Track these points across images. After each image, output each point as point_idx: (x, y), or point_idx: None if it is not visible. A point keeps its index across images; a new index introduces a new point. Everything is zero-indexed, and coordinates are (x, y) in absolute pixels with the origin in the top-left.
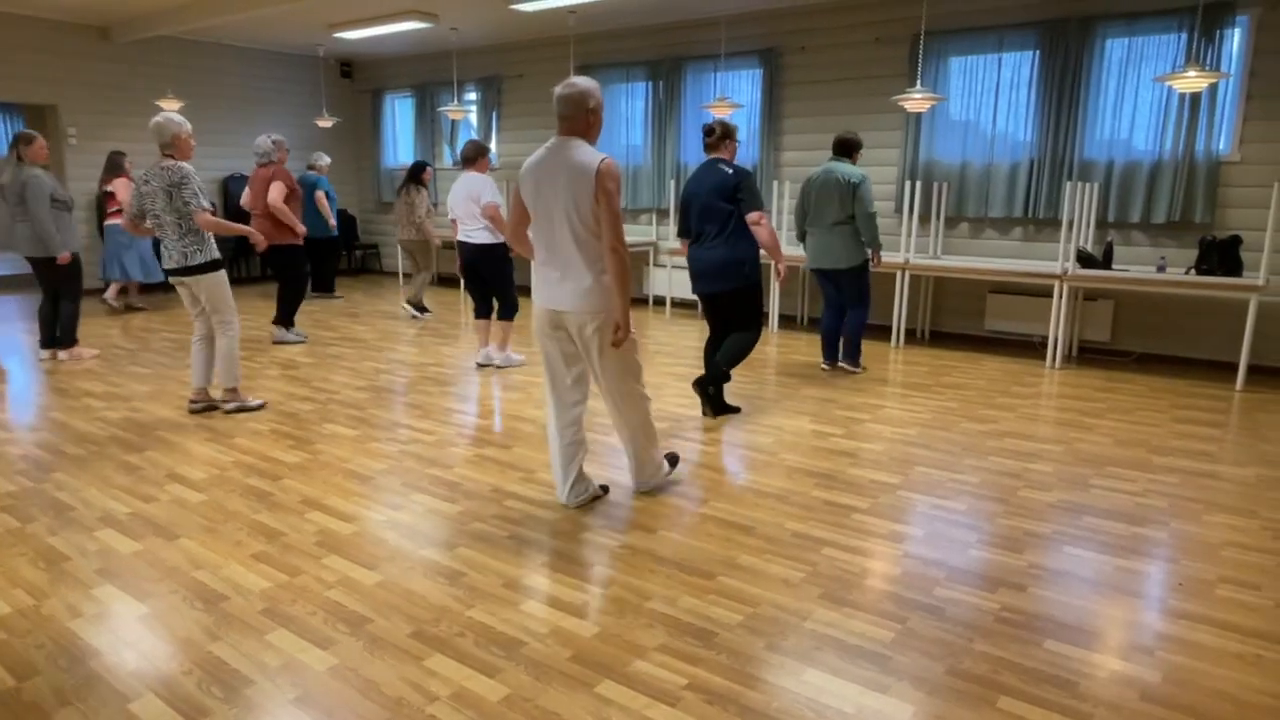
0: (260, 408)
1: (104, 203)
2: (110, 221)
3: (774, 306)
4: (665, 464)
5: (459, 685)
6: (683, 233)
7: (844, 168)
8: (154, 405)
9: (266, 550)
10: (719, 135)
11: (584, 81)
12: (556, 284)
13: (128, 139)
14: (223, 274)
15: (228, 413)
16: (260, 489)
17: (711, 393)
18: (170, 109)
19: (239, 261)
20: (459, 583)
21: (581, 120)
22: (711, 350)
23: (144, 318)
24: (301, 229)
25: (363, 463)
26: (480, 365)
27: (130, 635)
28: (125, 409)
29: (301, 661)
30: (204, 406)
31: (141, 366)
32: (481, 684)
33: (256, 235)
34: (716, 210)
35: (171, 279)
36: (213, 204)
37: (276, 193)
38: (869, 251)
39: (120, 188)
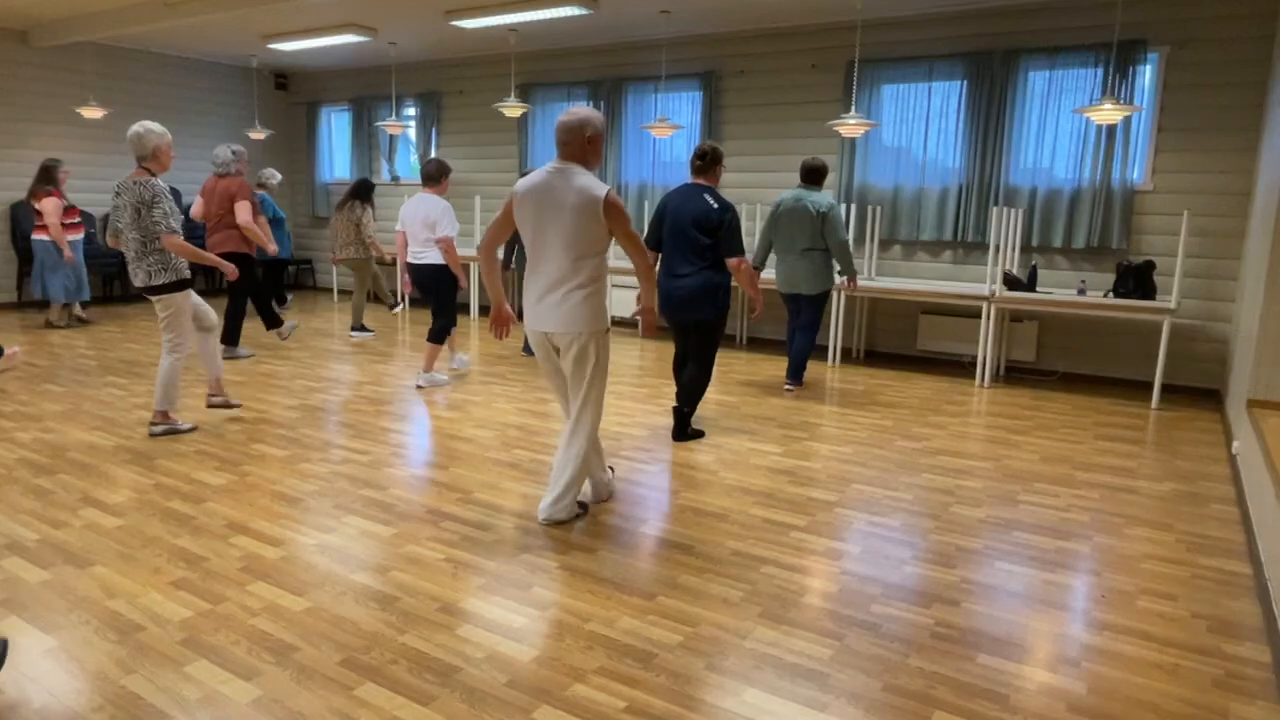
0: (191, 430)
1: (25, 214)
2: (37, 236)
3: None
4: (575, 506)
5: (391, 715)
6: (650, 244)
7: (814, 196)
8: (68, 426)
9: (187, 577)
10: (709, 160)
11: (584, 110)
12: (546, 306)
13: (46, 147)
14: (187, 294)
15: (154, 436)
16: (182, 513)
17: (686, 430)
18: (93, 116)
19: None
20: (392, 608)
21: (579, 147)
22: (680, 367)
23: (63, 335)
24: (273, 248)
25: (292, 484)
26: (419, 387)
27: (35, 670)
28: (36, 429)
29: (223, 694)
30: (221, 403)
31: (55, 385)
32: (415, 713)
33: (227, 265)
34: (693, 241)
35: (148, 295)
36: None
37: (246, 213)
38: (843, 279)
39: (48, 207)
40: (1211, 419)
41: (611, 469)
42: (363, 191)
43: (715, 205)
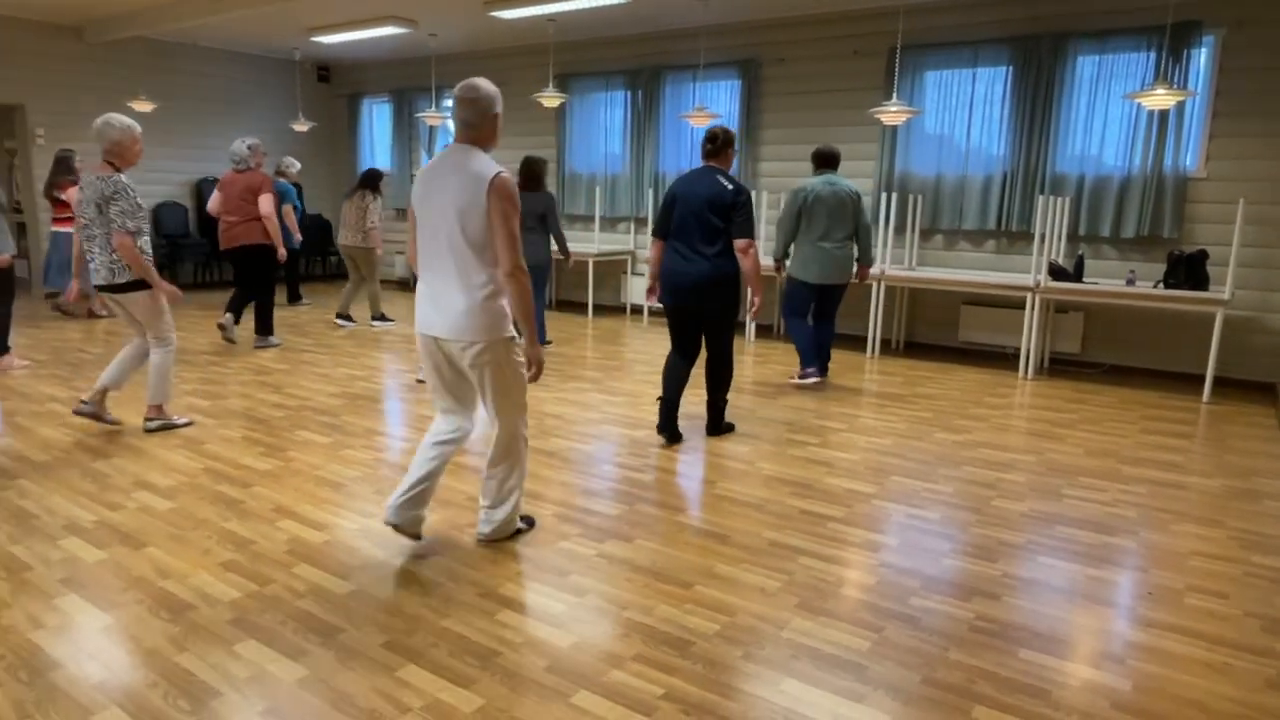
0: (188, 425)
1: (52, 207)
2: (56, 228)
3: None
4: (519, 521)
5: (432, 696)
6: (659, 232)
7: (845, 182)
8: (121, 411)
9: (236, 559)
10: (721, 143)
11: (488, 84)
12: (433, 306)
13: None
14: (154, 292)
15: (149, 431)
16: (230, 496)
17: (720, 424)
18: (143, 110)
19: (211, 265)
20: (434, 592)
21: (488, 128)
22: (672, 370)
23: (110, 322)
24: (283, 250)
25: (336, 470)
26: (420, 381)
27: (94, 647)
28: None
29: (271, 673)
30: (91, 412)
31: None
32: (455, 695)
33: (168, 289)
34: (706, 224)
35: (102, 294)
36: (150, 224)
37: (269, 205)
38: (858, 266)
39: (75, 197)
40: (1266, 413)
41: (418, 537)
42: (370, 181)
43: (729, 186)
